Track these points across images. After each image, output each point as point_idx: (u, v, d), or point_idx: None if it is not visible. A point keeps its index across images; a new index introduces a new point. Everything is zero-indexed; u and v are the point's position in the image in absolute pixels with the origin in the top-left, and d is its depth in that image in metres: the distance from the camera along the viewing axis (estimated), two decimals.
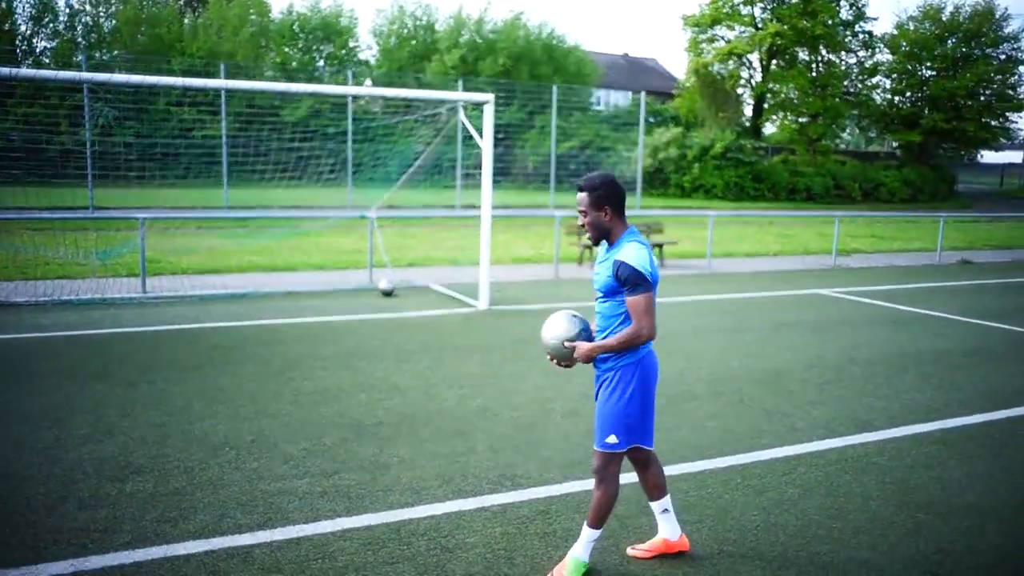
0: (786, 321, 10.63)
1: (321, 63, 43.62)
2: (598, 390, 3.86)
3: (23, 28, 41.81)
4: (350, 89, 17.19)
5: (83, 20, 41.55)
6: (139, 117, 30.29)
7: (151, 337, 8.70)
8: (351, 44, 44.58)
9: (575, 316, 3.85)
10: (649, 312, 3.63)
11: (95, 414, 6.03)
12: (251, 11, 41.99)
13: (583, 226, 3.77)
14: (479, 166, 11.40)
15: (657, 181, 38.17)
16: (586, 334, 3.81)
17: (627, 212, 3.81)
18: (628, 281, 3.60)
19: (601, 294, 3.77)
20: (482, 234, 10.99)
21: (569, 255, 16.34)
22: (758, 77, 45.91)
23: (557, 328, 3.81)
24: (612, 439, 3.76)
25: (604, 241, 3.78)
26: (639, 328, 3.63)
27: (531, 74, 41.24)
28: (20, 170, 25.08)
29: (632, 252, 3.62)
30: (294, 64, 41.61)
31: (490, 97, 10.89)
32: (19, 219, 15.36)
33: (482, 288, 10.98)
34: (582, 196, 3.74)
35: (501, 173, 33.98)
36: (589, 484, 4.92)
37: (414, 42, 44.01)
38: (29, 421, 5.84)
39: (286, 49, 42.83)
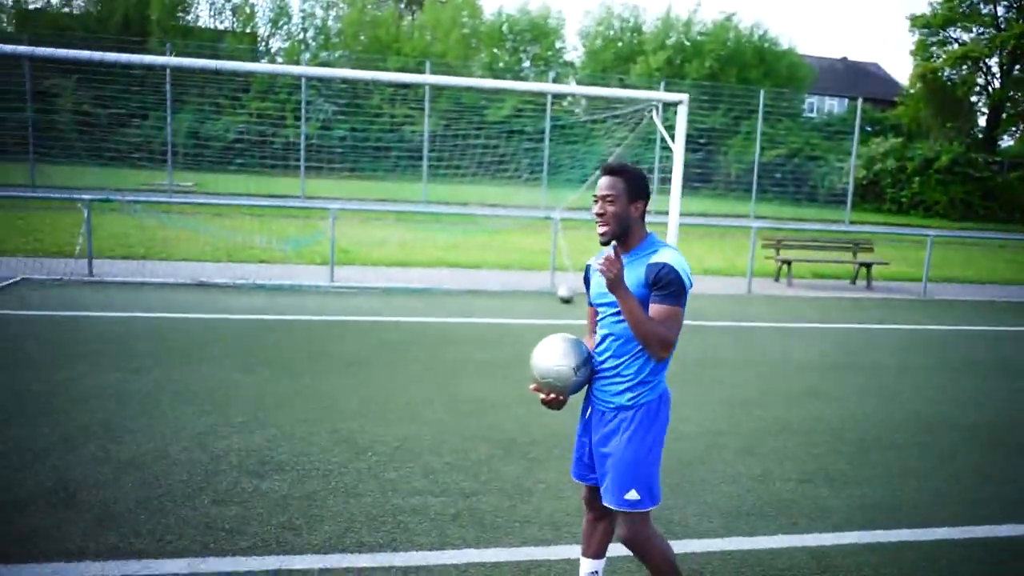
0: (1018, 362, 9.18)
1: (527, 64, 44.15)
2: (602, 429, 3.21)
3: (262, 30, 45.52)
4: (547, 86, 16.98)
5: (313, 23, 44.51)
6: (355, 113, 31.90)
7: (326, 327, 8.83)
8: (557, 45, 44.82)
9: (576, 341, 3.21)
10: (679, 326, 3.04)
11: (254, 403, 6.07)
12: (464, 13, 43.23)
13: (600, 215, 3.09)
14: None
15: (871, 195, 35.37)
16: (588, 365, 3.20)
17: (834, 226, 3.15)
18: (667, 286, 2.99)
19: (617, 310, 3.09)
20: (668, 241, 10.32)
21: (765, 269, 15.25)
22: (996, 84, 41.43)
23: (554, 353, 3.16)
24: (633, 495, 3.09)
25: (614, 243, 3.14)
26: (667, 336, 3.00)
27: (739, 77, 39.55)
28: (247, 159, 27.14)
29: (675, 256, 3.05)
30: (501, 64, 42.36)
31: (683, 97, 10.22)
32: (237, 204, 16.40)
33: None
34: (612, 181, 3.09)
35: (701, 180, 32.76)
36: (757, 541, 4.25)
37: (620, 44, 43.52)
38: (192, 403, 5.96)
39: (495, 50, 43.71)
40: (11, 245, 13.35)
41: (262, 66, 25.16)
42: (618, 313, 3.08)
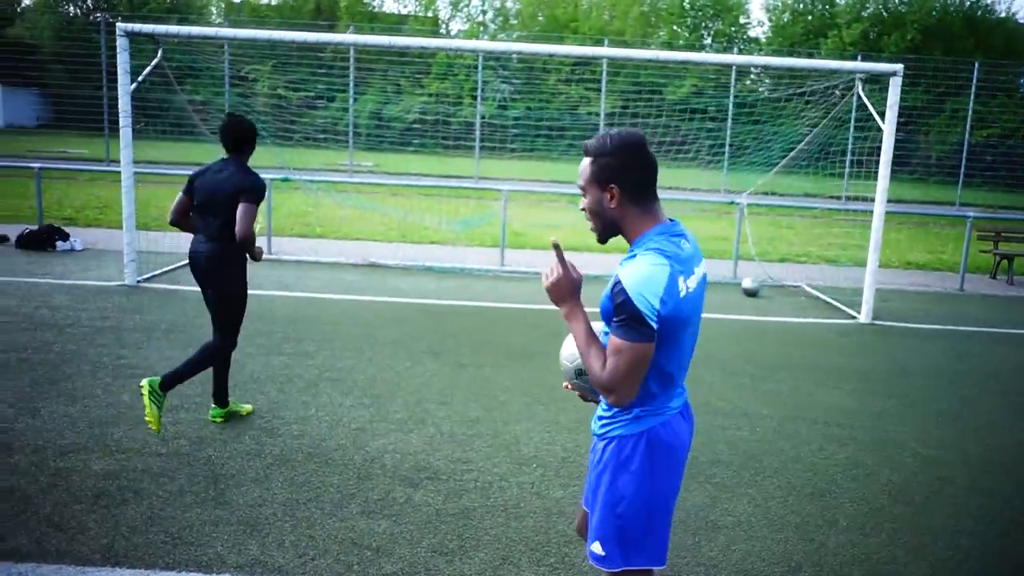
0: None
1: (708, 41, 42.33)
2: (592, 456, 2.52)
3: (443, 13, 46.34)
4: (737, 58, 15.84)
5: (492, 5, 44.77)
6: (530, 93, 31.68)
7: (494, 314, 8.44)
8: (742, 20, 42.64)
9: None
10: (631, 371, 2.21)
11: (415, 396, 5.72)
12: None
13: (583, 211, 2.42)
14: (873, 152, 9.57)
15: None
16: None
17: None
18: (618, 311, 2.21)
19: (603, 319, 2.38)
20: (872, 232, 9.16)
21: (981, 263, 13.51)
22: None
23: (567, 347, 2.54)
24: (597, 548, 2.42)
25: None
26: (610, 380, 2.23)
27: (945, 50, 35.96)
28: (424, 140, 27.54)
29: (640, 269, 2.21)
30: (681, 42, 40.82)
31: (897, 68, 8.98)
32: (413, 185, 16.47)
33: (866, 296, 9.19)
34: (582, 166, 2.38)
35: (898, 163, 30.02)
36: None
37: (810, 17, 40.77)
38: (352, 394, 5.69)
39: (674, 27, 42.19)
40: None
41: (453, 41, 25.36)
42: (605, 330, 2.40)
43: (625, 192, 2.29)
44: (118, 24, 8.20)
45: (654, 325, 2.16)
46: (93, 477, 4.24)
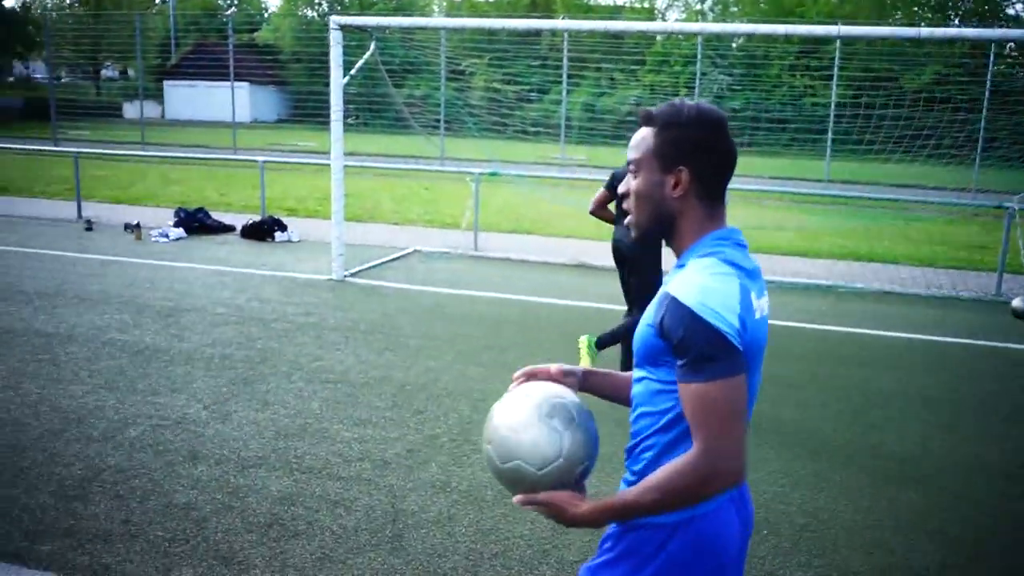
0: None
1: (956, 20, 38.12)
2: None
3: (660, 3, 45.09)
4: (992, 32, 13.68)
5: None
6: (751, 84, 29.94)
7: None
8: None
9: (566, 407, 1.76)
10: (730, 419, 1.55)
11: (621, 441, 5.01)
12: None
13: (623, 197, 1.80)
14: None
15: None
16: (585, 465, 1.75)
17: None
18: (685, 346, 1.57)
19: (636, 360, 1.74)
20: None
21: None
22: None
23: (516, 430, 1.72)
24: None
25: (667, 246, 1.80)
26: (705, 456, 1.56)
27: None
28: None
29: (701, 279, 1.60)
30: (922, 24, 37.02)
31: None
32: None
33: None
34: (639, 138, 1.76)
35: None
36: None
37: None
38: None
39: (914, 8, 38.41)
40: (412, 215, 14.03)
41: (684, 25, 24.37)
42: (638, 368, 1.76)
43: (697, 180, 1.71)
44: (331, 17, 8.11)
45: (736, 347, 1.56)
46: (269, 500, 3.90)
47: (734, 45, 32.48)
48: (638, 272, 5.57)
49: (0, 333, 6.42)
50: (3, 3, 47.81)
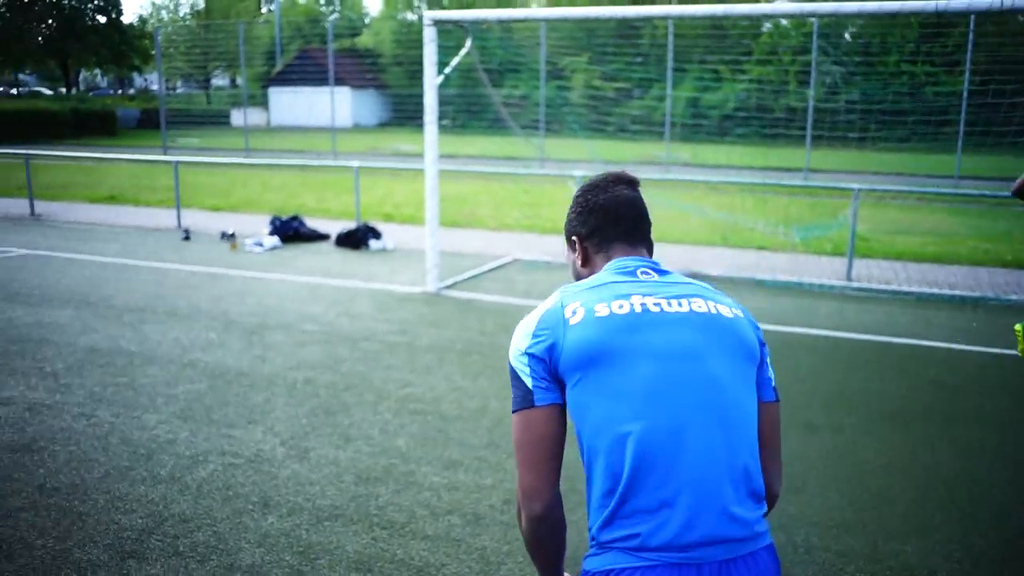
0: None
1: None
2: None
3: None
4: None
5: None
6: (867, 75, 28.19)
7: (849, 349, 6.65)
8: None
9: None
10: (518, 452, 1.66)
11: None
12: None
13: None
14: None
15: None
16: None
17: None
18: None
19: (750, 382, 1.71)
20: None
21: None
22: None
23: None
24: None
25: None
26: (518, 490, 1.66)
27: None
28: (745, 129, 25.44)
29: (522, 323, 1.73)
30: None
31: None
32: (736, 183, 14.77)
33: None
34: None
35: None
36: None
37: None
38: None
39: None
40: (510, 219, 13.47)
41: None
42: None
43: (584, 246, 1.83)
44: (424, 13, 7.62)
45: (525, 379, 1.69)
46: (344, 564, 3.36)
47: (847, 35, 30.76)
48: None
49: (86, 352, 6.17)
50: (122, 20, 50.06)
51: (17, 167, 16.13)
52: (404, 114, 34.56)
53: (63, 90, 51.39)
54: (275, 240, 10.98)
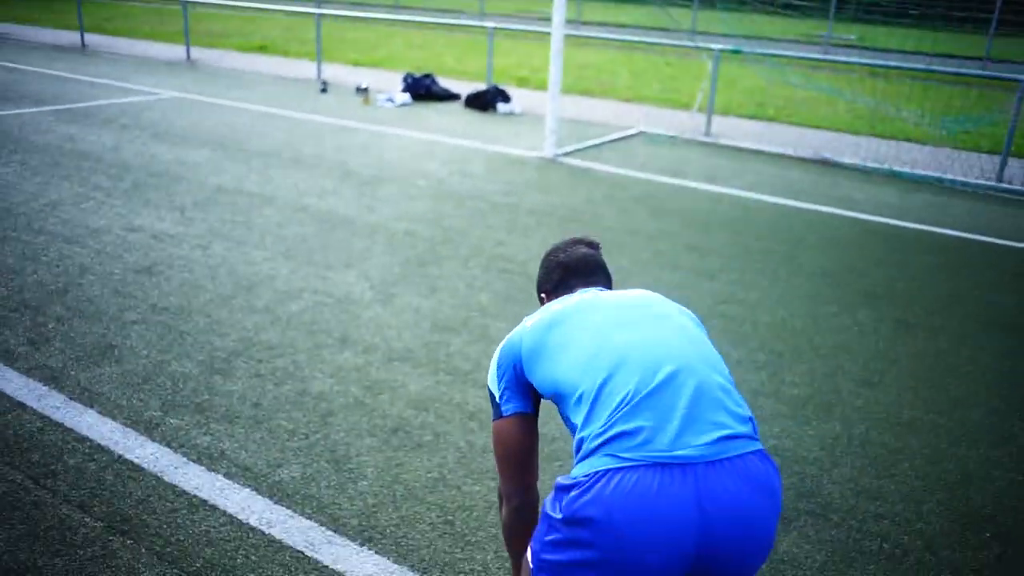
0: None
1: None
2: None
3: None
4: None
5: None
6: None
7: (974, 251, 6.20)
8: None
9: None
10: (496, 460, 1.89)
11: (827, 362, 4.17)
12: None
13: None
14: None
15: None
16: None
17: None
18: None
19: None
20: None
21: None
22: None
23: None
24: None
25: None
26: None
27: None
28: (924, 10, 23.12)
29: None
30: None
31: None
32: (896, 67, 13.58)
33: None
34: None
35: None
36: None
37: None
38: (767, 368, 4.32)
39: None
40: (648, 92, 13.04)
41: None
42: None
43: (549, 296, 2.11)
44: None
45: (497, 389, 1.90)
46: (404, 400, 3.59)
47: None
48: None
49: (213, 191, 6.61)
50: None
51: (177, 14, 16.87)
52: None
53: None
54: (406, 97, 11.13)
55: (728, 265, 5.51)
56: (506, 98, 10.91)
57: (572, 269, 2.07)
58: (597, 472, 1.50)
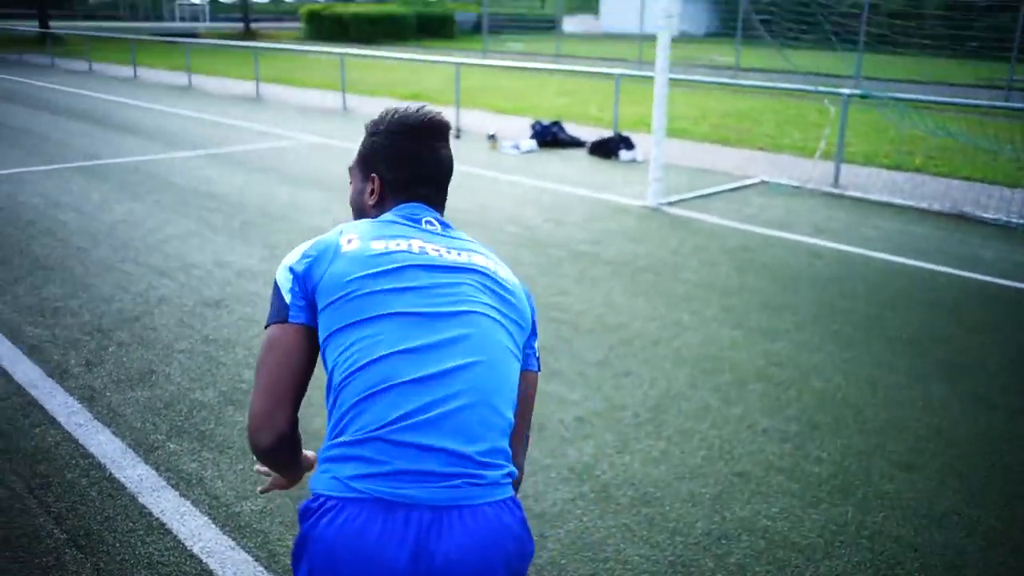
0: None
1: None
2: None
3: None
4: None
5: None
6: None
7: None
8: None
9: None
10: (260, 372, 1.50)
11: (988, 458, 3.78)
12: None
13: None
14: None
15: None
16: None
17: None
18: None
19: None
20: None
21: None
22: None
23: None
24: None
25: None
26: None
27: None
28: None
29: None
30: None
31: None
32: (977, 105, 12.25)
33: None
34: None
35: None
36: None
37: None
38: (775, 410, 4.00)
39: None
40: (789, 140, 12.52)
41: None
42: None
43: (387, 185, 1.71)
44: None
45: (282, 297, 1.56)
46: None
47: None
48: None
49: (309, 230, 6.98)
50: None
51: (335, 64, 18.08)
52: (732, 24, 32.86)
53: None
54: (532, 144, 11.30)
55: (799, 325, 5.14)
56: (629, 145, 10.83)
57: (424, 174, 1.70)
58: (321, 497, 1.42)
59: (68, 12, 57.05)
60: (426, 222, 1.66)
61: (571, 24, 44.41)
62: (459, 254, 1.59)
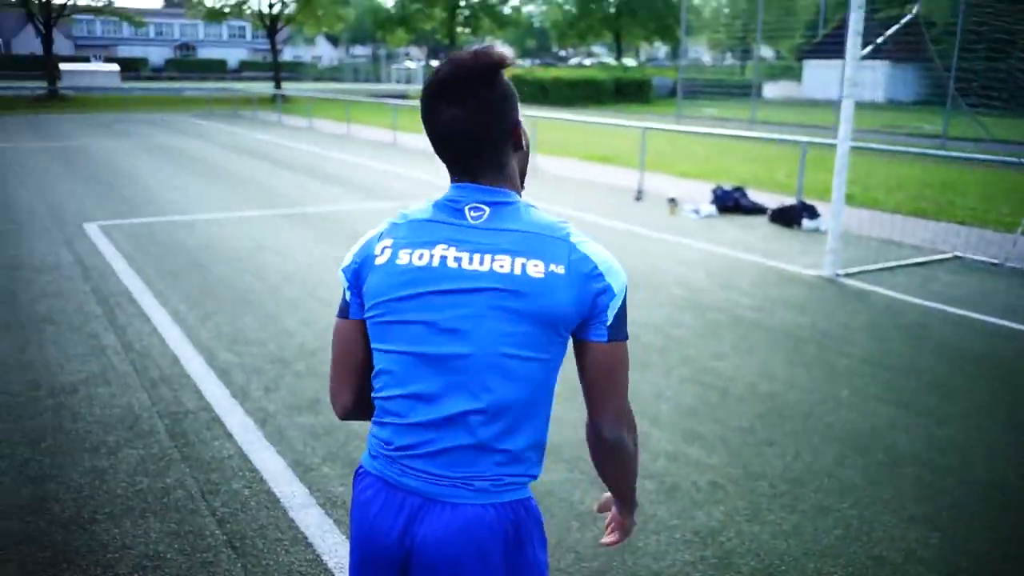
0: None
1: None
2: None
3: None
4: None
5: None
6: None
7: None
8: None
9: None
10: (333, 357, 1.78)
11: None
12: None
13: None
14: None
15: None
16: None
17: None
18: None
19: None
20: None
21: None
22: None
23: None
24: None
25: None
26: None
27: None
28: None
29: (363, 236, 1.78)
30: None
31: None
32: None
33: None
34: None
35: None
36: None
37: None
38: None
39: None
40: (982, 214, 11.65)
41: None
42: None
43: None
44: None
45: (346, 293, 1.73)
46: None
47: None
48: None
49: None
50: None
51: (529, 125, 18.80)
52: (941, 92, 31.03)
53: (615, 60, 57.09)
54: (712, 209, 11.24)
55: (972, 411, 4.80)
56: (813, 214, 10.51)
57: (443, 145, 1.65)
58: (362, 468, 1.73)
59: (298, 76, 63.22)
60: (470, 208, 1.60)
61: (772, 90, 43.65)
62: (481, 261, 1.56)
